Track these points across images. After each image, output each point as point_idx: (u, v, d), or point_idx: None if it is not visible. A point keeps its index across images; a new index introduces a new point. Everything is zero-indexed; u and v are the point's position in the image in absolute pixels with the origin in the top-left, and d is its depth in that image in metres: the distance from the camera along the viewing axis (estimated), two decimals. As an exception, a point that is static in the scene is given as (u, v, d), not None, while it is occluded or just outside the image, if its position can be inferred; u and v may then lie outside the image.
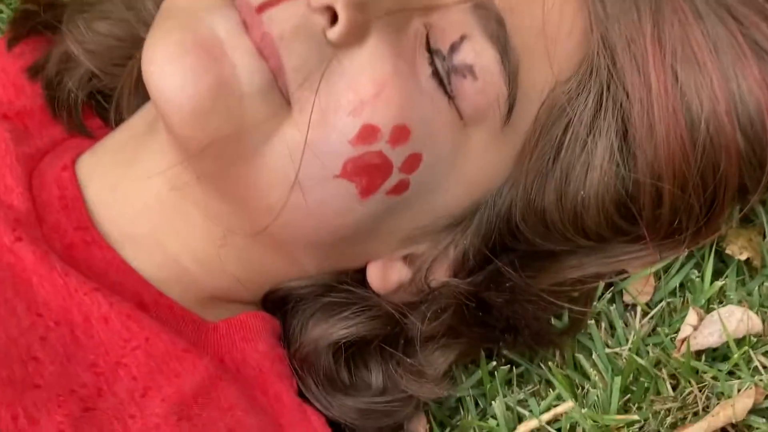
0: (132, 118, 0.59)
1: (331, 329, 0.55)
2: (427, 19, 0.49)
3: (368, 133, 0.46)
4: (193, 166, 0.50)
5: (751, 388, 0.56)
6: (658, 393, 0.58)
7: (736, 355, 0.57)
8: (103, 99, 0.65)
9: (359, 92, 0.46)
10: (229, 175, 0.49)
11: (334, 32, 0.45)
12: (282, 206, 0.48)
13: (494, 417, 0.58)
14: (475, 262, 0.56)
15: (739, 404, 0.55)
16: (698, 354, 0.58)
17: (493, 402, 0.58)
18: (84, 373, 0.47)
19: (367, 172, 0.48)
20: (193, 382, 0.49)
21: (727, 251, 0.60)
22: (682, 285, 0.62)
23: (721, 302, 0.60)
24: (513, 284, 0.56)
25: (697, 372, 0.58)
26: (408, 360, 0.57)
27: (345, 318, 0.56)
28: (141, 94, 0.62)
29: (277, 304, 0.58)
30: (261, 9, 0.46)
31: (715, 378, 0.57)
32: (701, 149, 0.52)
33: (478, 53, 0.48)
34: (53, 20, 0.64)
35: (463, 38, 0.48)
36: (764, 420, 0.56)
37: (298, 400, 0.54)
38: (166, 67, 0.45)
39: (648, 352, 0.59)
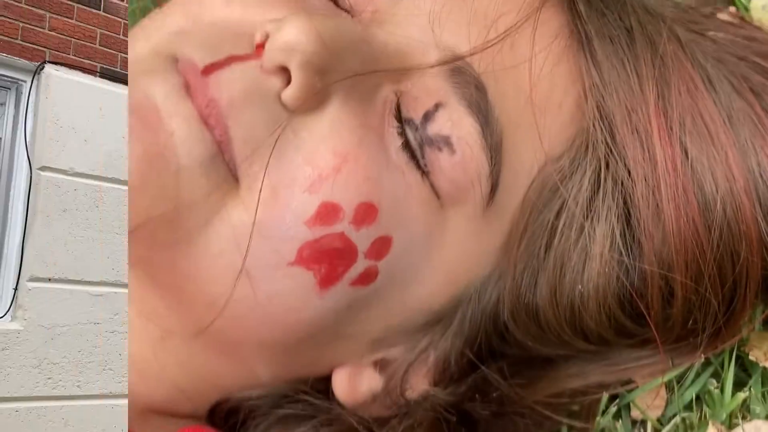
0: None
1: None
2: (397, 86, 0.46)
3: (328, 212, 0.43)
4: None
5: None
6: None
7: (767, 482, 0.55)
8: None
9: (318, 165, 0.43)
10: (164, 262, 0.45)
11: (288, 94, 0.43)
12: (227, 299, 0.45)
13: None
14: (457, 368, 0.52)
15: None
16: (722, 480, 0.57)
17: None
18: None
19: (327, 258, 0.44)
20: None
21: (751, 357, 0.58)
22: (698, 397, 0.60)
23: (744, 417, 0.57)
24: (501, 394, 0.52)
25: (722, 502, 0.56)
26: None
27: None
28: None
29: (226, 417, 0.53)
30: (207, 71, 0.43)
31: None
32: (717, 235, 0.49)
33: (455, 123, 0.46)
34: None
35: (438, 106, 0.46)
36: None
37: None
38: None
39: (662, 477, 0.57)
